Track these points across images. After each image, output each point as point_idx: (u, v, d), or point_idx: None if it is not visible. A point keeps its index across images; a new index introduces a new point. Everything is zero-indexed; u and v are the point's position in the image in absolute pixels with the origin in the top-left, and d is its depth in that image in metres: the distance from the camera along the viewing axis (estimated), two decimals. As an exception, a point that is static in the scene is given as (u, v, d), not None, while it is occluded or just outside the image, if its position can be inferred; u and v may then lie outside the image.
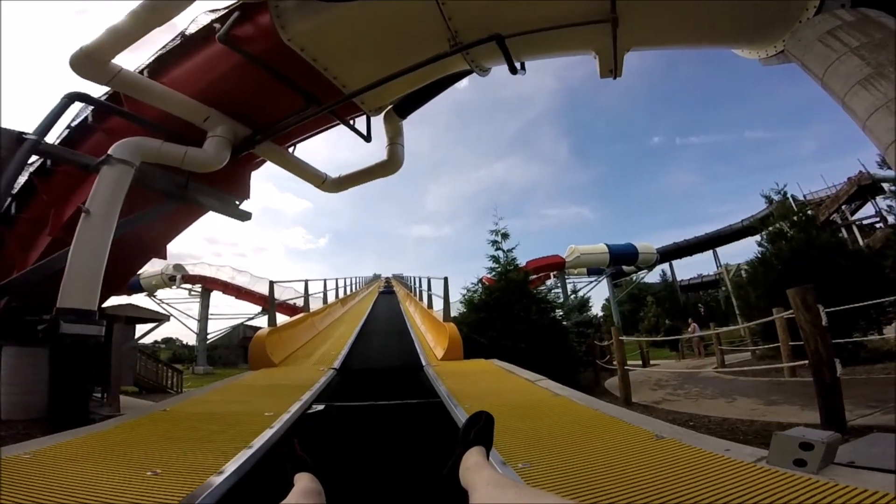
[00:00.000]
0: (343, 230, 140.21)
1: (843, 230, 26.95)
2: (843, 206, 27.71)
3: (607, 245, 26.92)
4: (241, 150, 5.76)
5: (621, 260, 27.42)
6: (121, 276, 7.90)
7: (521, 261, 11.27)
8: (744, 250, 50.12)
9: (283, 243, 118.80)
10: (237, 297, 31.55)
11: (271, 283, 6.78)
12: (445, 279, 6.97)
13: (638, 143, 77.88)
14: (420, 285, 11.71)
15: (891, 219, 26.60)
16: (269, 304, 8.60)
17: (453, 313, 16.08)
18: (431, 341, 7.14)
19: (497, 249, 10.26)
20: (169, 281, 31.02)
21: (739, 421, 5.40)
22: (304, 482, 1.33)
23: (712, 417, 5.83)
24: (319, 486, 1.34)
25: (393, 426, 3.00)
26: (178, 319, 32.11)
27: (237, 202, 6.56)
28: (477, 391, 3.83)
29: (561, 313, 9.67)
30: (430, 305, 9.21)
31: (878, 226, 26.76)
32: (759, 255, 10.85)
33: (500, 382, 4.36)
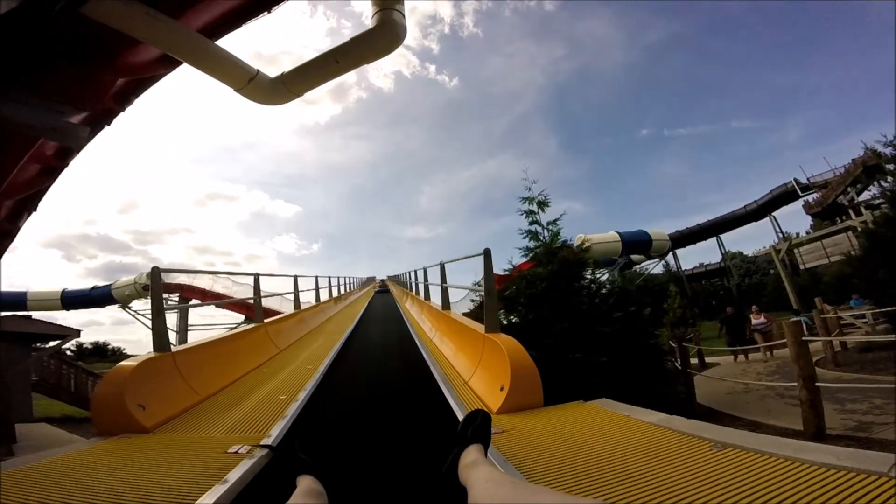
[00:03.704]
0: (336, 234, 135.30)
1: (851, 212, 24.32)
2: (849, 188, 25.01)
3: (619, 233, 23.82)
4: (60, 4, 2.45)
5: (634, 248, 24.36)
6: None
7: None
8: (745, 236, 47.61)
9: (277, 250, 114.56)
10: (218, 307, 27.97)
11: (155, 270, 3.43)
12: (486, 253, 3.67)
13: (627, 136, 75.47)
14: (425, 278, 8.37)
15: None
16: (253, 309, 5.51)
17: (461, 309, 12.48)
18: (465, 370, 3.82)
19: (532, 223, 6.98)
20: (143, 291, 27.31)
21: None
22: (305, 483, 1.30)
23: None
24: (321, 488, 1.31)
25: None
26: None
27: (61, 112, 3.16)
28: None
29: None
30: (446, 306, 5.90)
31: (884, 206, 24.08)
32: (877, 219, 7.84)
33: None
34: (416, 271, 10.35)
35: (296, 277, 8.16)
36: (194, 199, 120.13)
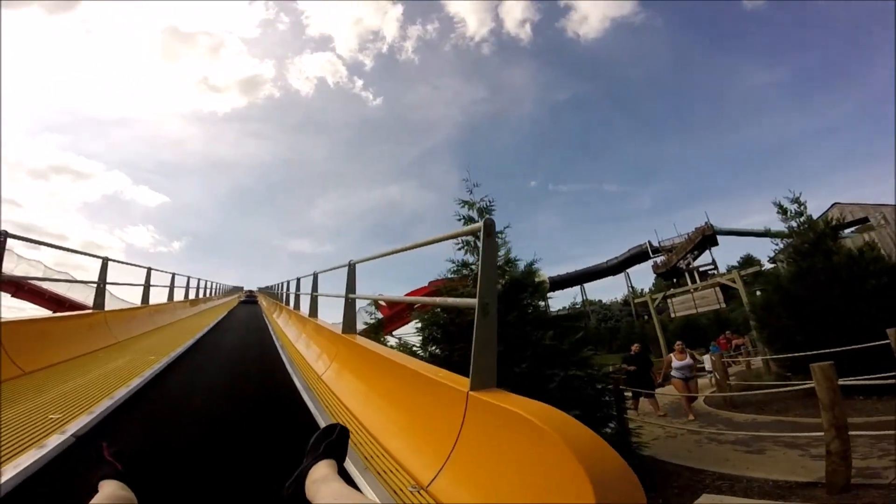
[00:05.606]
0: (204, 234, 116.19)
1: (687, 275, 28.97)
2: (688, 255, 29.90)
3: (508, 270, 24.05)
4: None
5: (520, 287, 24.85)
6: None
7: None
8: (600, 287, 53.59)
9: (127, 242, 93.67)
10: (27, 299, 20.66)
11: None
12: (488, 225, 1.88)
13: (518, 184, 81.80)
14: (314, 287, 6.01)
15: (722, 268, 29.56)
16: (63, 305, 2.59)
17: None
18: (419, 458, 1.84)
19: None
20: None
21: None
22: (109, 489, 1.02)
23: None
24: (131, 495, 1.05)
25: None
26: None
27: None
28: None
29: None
30: (350, 328, 3.85)
31: (711, 272, 29.36)
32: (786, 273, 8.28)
33: None
34: (299, 279, 7.89)
35: (105, 260, 5.11)
36: (32, 170, 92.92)
